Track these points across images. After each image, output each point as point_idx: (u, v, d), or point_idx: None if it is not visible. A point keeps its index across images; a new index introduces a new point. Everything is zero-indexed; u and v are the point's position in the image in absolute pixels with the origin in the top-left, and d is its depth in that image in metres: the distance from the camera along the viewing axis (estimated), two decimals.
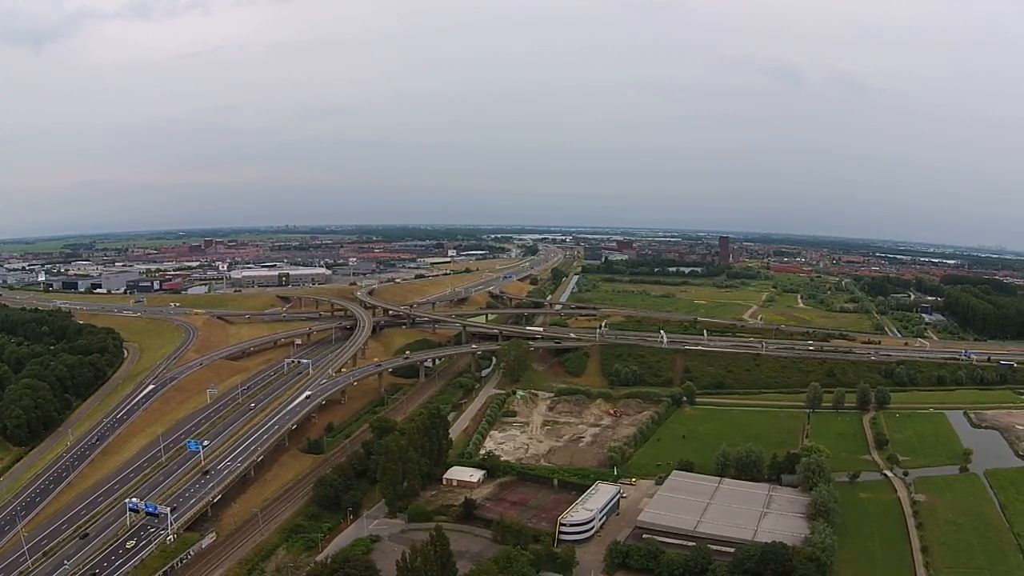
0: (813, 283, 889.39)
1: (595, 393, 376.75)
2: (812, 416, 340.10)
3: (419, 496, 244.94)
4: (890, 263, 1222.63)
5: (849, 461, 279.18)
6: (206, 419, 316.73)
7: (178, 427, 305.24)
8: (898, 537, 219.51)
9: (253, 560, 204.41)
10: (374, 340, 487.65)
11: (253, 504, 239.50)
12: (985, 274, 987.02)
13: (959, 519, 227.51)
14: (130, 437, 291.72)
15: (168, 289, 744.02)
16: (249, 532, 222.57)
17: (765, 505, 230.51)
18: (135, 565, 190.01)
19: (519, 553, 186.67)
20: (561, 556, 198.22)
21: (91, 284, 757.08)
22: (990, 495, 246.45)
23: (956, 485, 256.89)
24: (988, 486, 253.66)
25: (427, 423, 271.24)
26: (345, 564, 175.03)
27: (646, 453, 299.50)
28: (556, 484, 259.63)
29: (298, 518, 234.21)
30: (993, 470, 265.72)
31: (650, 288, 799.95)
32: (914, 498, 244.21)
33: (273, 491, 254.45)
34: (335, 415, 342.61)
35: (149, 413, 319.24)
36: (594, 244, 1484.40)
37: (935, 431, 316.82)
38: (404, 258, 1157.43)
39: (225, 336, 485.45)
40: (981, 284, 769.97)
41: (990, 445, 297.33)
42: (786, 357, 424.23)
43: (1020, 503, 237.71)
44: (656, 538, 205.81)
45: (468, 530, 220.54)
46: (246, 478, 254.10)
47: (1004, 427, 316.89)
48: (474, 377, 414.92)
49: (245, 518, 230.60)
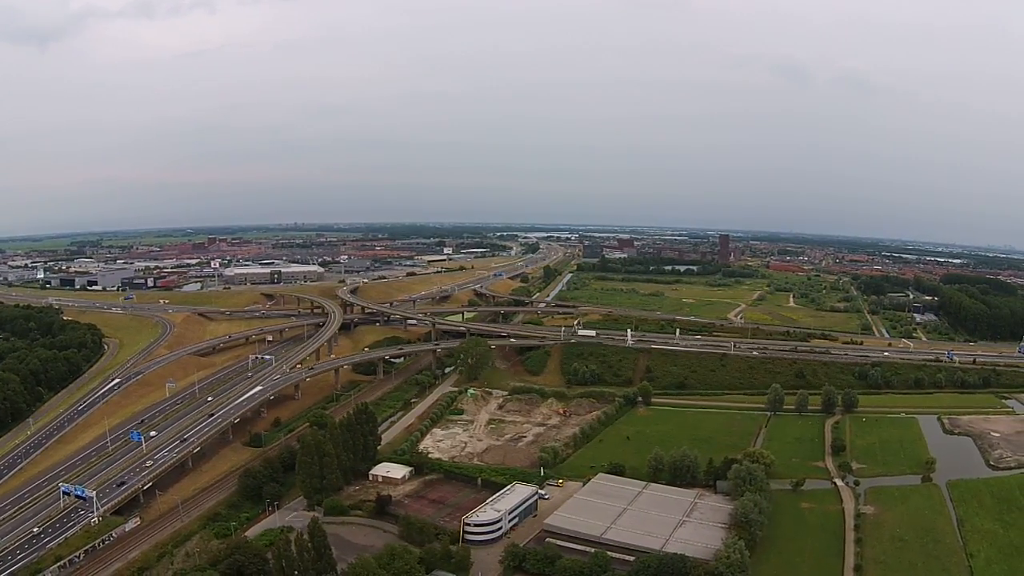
0: (809, 282, 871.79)
1: (549, 392, 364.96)
2: (772, 419, 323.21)
3: (342, 491, 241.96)
4: (894, 262, 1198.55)
5: (799, 467, 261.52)
6: (161, 412, 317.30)
7: (134, 418, 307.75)
8: (832, 553, 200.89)
9: (168, 544, 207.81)
10: (346, 337, 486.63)
11: (186, 492, 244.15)
12: (989, 274, 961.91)
13: (906, 535, 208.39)
14: (86, 428, 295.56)
15: (162, 287, 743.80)
16: (173, 518, 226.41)
17: (686, 513, 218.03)
18: (59, 542, 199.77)
19: (404, 550, 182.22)
20: (456, 556, 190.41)
21: (87, 281, 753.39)
22: (948, 508, 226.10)
23: (912, 496, 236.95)
24: (948, 498, 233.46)
25: (352, 419, 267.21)
26: (236, 550, 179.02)
27: (585, 454, 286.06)
28: (480, 483, 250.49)
29: (220, 507, 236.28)
30: (957, 481, 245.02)
31: (641, 286, 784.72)
32: (860, 510, 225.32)
33: (206, 481, 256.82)
34: (286, 410, 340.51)
35: (109, 406, 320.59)
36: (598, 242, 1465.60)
37: (901, 437, 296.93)
38: (403, 256, 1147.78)
39: (202, 332, 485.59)
40: (980, 284, 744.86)
41: (960, 453, 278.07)
42: (754, 357, 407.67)
43: (980, 518, 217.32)
44: (560, 543, 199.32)
45: (379, 525, 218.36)
46: (184, 468, 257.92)
47: (978, 434, 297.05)
48: (433, 375, 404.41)
49: (173, 505, 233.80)
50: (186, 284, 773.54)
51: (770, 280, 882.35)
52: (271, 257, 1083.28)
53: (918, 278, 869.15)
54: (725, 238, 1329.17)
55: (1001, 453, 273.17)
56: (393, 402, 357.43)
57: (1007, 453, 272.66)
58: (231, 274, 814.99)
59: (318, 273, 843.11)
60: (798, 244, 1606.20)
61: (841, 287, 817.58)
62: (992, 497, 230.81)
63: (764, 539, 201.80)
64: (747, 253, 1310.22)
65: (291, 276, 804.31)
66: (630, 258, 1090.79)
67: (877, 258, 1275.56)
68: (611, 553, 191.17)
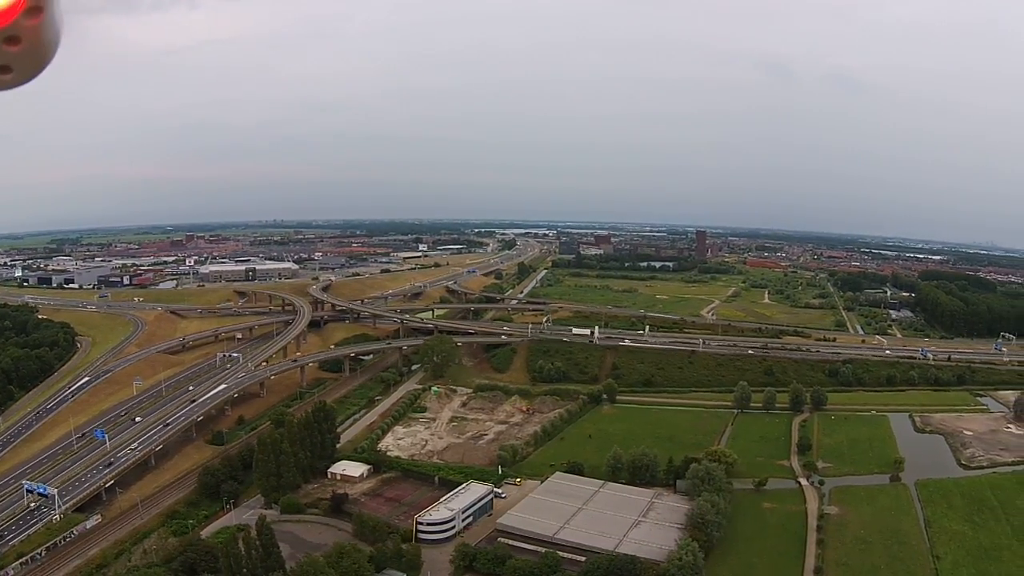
0: (786, 278, 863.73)
1: (513, 390, 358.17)
2: (739, 417, 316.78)
3: (300, 489, 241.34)
4: (873, 259, 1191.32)
5: (763, 466, 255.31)
6: (127, 410, 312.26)
7: (101, 416, 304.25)
8: (792, 555, 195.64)
9: (127, 542, 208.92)
10: (315, 334, 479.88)
11: (147, 490, 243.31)
12: (969, 270, 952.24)
13: (870, 536, 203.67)
14: (54, 426, 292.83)
15: (137, 284, 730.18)
16: (133, 516, 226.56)
17: (643, 513, 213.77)
18: (21, 539, 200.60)
19: (353, 548, 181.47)
20: (407, 555, 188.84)
21: (64, 279, 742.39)
22: (916, 509, 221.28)
23: (879, 497, 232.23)
24: (916, 498, 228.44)
25: (310, 417, 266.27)
26: (189, 548, 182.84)
27: (545, 453, 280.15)
28: (437, 482, 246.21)
29: (180, 505, 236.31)
30: (926, 480, 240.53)
31: (615, 283, 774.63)
32: (824, 510, 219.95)
33: (168, 479, 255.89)
34: (251, 408, 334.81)
35: (77, 404, 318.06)
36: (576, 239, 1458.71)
37: (871, 436, 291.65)
38: (379, 253, 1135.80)
39: (173, 330, 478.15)
40: (959, 280, 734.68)
41: (931, 452, 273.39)
42: (723, 355, 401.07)
43: (948, 519, 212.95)
44: (513, 543, 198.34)
45: (335, 524, 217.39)
46: (147, 466, 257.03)
47: (950, 432, 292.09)
48: (399, 372, 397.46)
49: (134, 503, 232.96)
50: (162, 282, 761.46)
51: (746, 276, 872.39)
52: (248, 254, 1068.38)
53: (896, 274, 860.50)
54: (702, 234, 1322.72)
55: (973, 452, 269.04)
56: (357, 400, 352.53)
57: (979, 452, 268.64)
58: (206, 271, 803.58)
59: (292, 270, 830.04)
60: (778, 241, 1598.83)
61: (817, 283, 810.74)
62: (962, 497, 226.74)
63: (722, 540, 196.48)
64: (725, 249, 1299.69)
65: (266, 273, 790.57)
66: (606, 255, 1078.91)
67: (856, 255, 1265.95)
68: (563, 553, 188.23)
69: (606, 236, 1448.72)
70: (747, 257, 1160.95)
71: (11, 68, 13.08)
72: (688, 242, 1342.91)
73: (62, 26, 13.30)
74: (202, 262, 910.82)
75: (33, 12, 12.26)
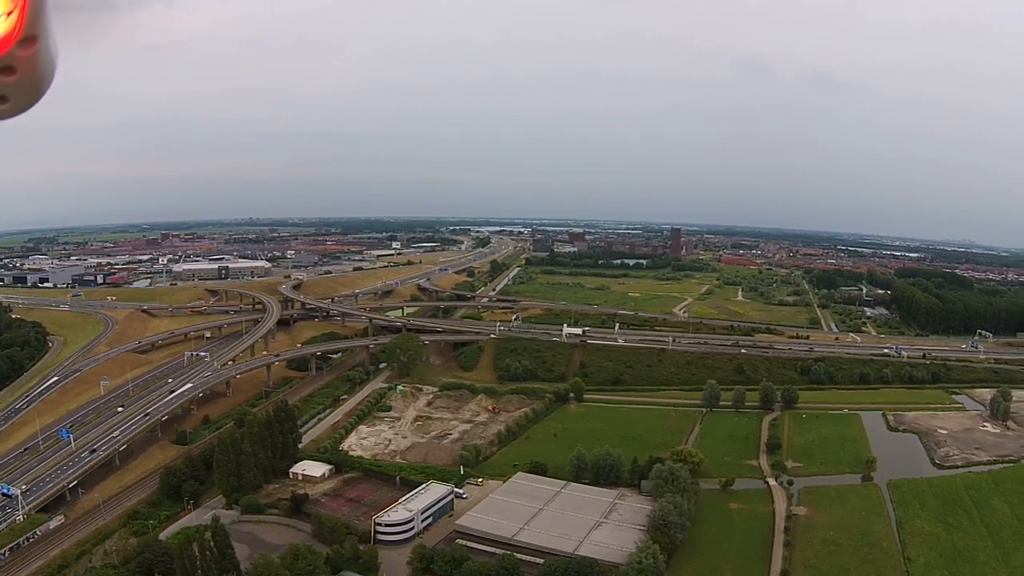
0: (760, 276, 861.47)
1: (479, 388, 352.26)
2: (708, 416, 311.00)
3: (262, 489, 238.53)
4: (849, 256, 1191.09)
5: (730, 466, 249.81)
6: (94, 410, 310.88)
7: (69, 416, 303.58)
8: (758, 557, 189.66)
9: (89, 542, 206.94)
10: (284, 333, 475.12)
11: (111, 490, 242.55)
12: (946, 267, 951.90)
13: (840, 538, 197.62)
14: (22, 426, 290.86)
15: (111, 283, 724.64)
16: (96, 516, 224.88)
17: (605, 515, 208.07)
18: None
19: (308, 550, 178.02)
20: (364, 556, 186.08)
21: (39, 279, 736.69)
22: (887, 510, 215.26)
23: (849, 497, 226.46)
24: (888, 499, 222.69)
25: (271, 416, 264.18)
26: (146, 549, 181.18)
27: (509, 452, 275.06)
28: (399, 482, 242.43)
29: (141, 506, 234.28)
30: (899, 480, 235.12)
31: (588, 280, 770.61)
32: (792, 511, 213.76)
33: (132, 479, 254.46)
34: (216, 407, 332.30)
35: (46, 404, 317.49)
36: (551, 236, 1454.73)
37: (842, 434, 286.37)
38: (353, 250, 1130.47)
39: (143, 329, 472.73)
40: (935, 278, 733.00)
41: (904, 451, 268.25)
42: (693, 353, 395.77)
43: (921, 520, 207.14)
44: (472, 544, 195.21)
45: (294, 524, 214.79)
46: (111, 466, 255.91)
47: (924, 431, 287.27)
48: (366, 371, 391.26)
49: (97, 503, 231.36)
50: (136, 280, 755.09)
51: (720, 274, 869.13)
52: (223, 253, 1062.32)
53: (872, 272, 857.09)
54: (677, 232, 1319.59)
55: (948, 451, 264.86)
56: (323, 398, 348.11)
57: (954, 451, 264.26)
58: (179, 270, 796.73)
59: (265, 268, 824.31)
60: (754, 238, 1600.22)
61: (792, 281, 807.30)
62: (936, 498, 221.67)
63: (686, 541, 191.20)
64: (700, 247, 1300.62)
65: (239, 272, 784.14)
66: (580, 252, 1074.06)
67: (832, 252, 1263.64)
68: (521, 556, 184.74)
69: (580, 234, 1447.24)
70: (722, 254, 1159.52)
71: (7, 98, 13.16)
72: (663, 240, 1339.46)
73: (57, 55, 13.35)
74: (175, 261, 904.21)
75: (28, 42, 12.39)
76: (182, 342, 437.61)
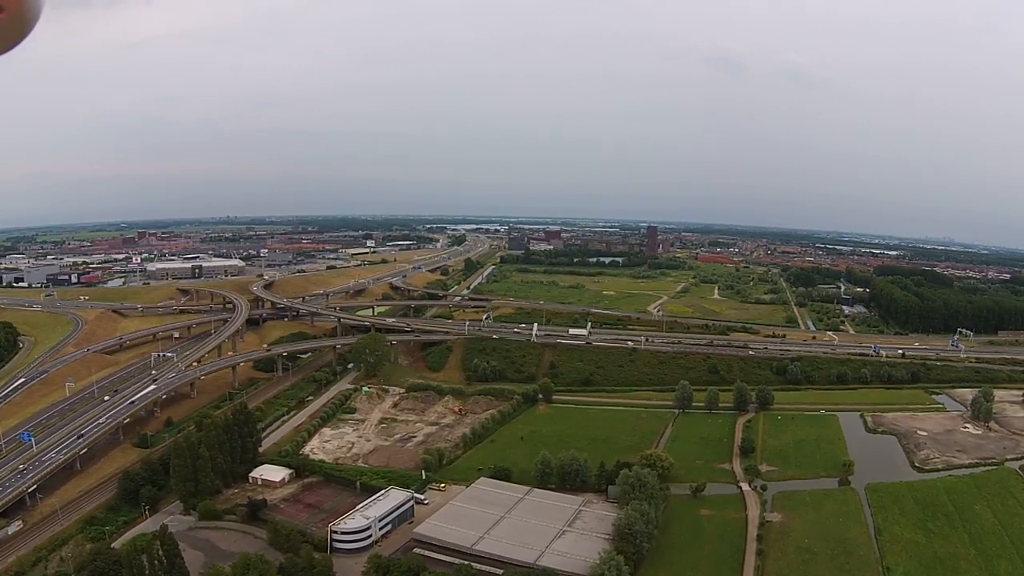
0: (737, 273, 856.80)
1: (446, 389, 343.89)
2: (680, 418, 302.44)
3: (220, 494, 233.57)
4: (828, 254, 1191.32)
5: (702, 470, 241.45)
6: (59, 413, 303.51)
7: (33, 418, 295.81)
8: (729, 566, 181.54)
9: (45, 548, 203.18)
10: (253, 333, 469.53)
11: (71, 494, 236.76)
12: (925, 265, 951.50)
13: (815, 545, 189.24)
14: None
15: (85, 282, 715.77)
16: (53, 522, 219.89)
17: (569, 522, 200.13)
18: None
19: (260, 559, 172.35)
20: (318, 565, 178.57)
21: (14, 278, 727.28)
22: (865, 515, 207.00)
23: (825, 502, 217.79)
24: (866, 504, 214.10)
25: (230, 419, 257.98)
26: (98, 556, 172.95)
27: (474, 456, 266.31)
28: (359, 487, 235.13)
29: (100, 511, 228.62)
30: (876, 484, 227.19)
31: (563, 279, 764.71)
32: (766, 517, 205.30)
33: (92, 483, 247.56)
34: (180, 409, 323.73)
35: (11, 406, 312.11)
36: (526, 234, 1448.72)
37: (819, 436, 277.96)
38: (328, 249, 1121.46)
39: (113, 329, 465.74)
40: (915, 276, 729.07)
41: (883, 454, 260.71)
42: (666, 352, 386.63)
43: (900, 527, 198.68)
44: (430, 554, 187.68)
45: (251, 531, 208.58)
46: (72, 469, 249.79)
47: (904, 432, 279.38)
48: (333, 371, 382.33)
49: (55, 508, 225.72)
50: (110, 280, 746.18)
51: (697, 272, 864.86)
52: (198, 251, 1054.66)
53: (850, 269, 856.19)
54: (653, 229, 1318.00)
55: (928, 453, 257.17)
56: (288, 400, 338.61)
57: (934, 454, 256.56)
58: (153, 269, 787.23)
59: (239, 267, 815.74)
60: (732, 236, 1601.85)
61: (769, 279, 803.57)
62: (915, 503, 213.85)
63: (653, 550, 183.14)
64: (677, 245, 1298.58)
65: (212, 271, 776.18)
66: (555, 250, 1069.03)
67: (811, 250, 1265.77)
68: (480, 566, 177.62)
69: (556, 232, 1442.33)
70: (699, 252, 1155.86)
71: None
72: (640, 238, 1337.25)
73: None
74: (150, 259, 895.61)
75: None
76: (151, 342, 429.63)
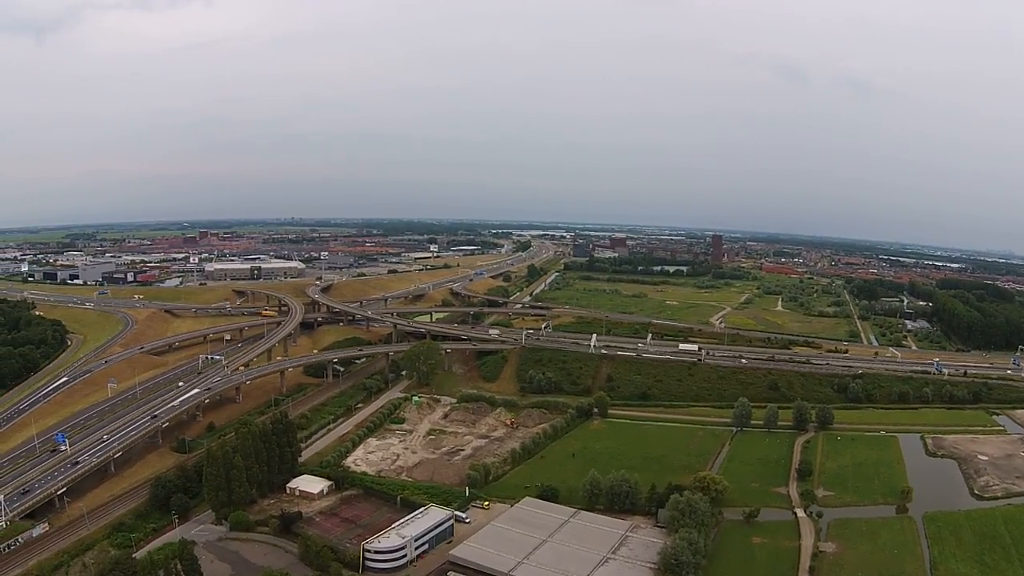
0: (800, 285, 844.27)
1: (499, 400, 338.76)
2: (737, 436, 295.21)
3: (255, 504, 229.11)
4: (891, 266, 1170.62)
5: (757, 494, 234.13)
6: (99, 413, 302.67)
7: (73, 418, 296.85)
8: None
9: (68, 553, 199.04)
10: (307, 337, 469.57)
11: (102, 498, 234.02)
12: (987, 278, 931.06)
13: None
14: (24, 427, 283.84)
15: (141, 281, 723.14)
16: (80, 526, 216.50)
17: (613, 549, 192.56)
18: None
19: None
20: None
21: (69, 275, 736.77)
22: (921, 547, 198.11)
23: (881, 532, 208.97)
24: (923, 534, 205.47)
25: (268, 428, 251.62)
26: (116, 566, 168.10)
27: (522, 472, 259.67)
28: (399, 502, 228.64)
29: (128, 517, 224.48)
30: (935, 513, 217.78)
31: (626, 287, 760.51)
32: (820, 547, 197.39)
33: (124, 487, 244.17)
34: (223, 414, 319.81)
35: (51, 405, 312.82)
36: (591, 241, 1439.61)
37: (878, 459, 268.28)
38: (391, 252, 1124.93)
39: (164, 329, 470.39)
40: (977, 289, 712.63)
41: (942, 479, 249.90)
42: (726, 367, 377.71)
43: (955, 560, 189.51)
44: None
45: (283, 544, 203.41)
46: (106, 472, 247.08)
47: (964, 456, 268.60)
48: (384, 379, 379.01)
49: (88, 511, 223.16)
50: (167, 279, 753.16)
51: (761, 282, 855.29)
52: (260, 252, 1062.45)
53: (913, 282, 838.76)
54: (718, 238, 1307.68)
55: (988, 480, 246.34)
56: (335, 407, 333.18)
57: (994, 481, 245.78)
58: (211, 269, 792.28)
59: (299, 269, 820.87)
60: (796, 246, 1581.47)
61: (833, 291, 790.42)
62: (973, 533, 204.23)
63: None
64: (742, 254, 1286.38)
65: (271, 272, 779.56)
66: (619, 258, 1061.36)
67: (874, 261, 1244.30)
68: None
69: (622, 239, 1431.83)
70: (763, 262, 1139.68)
71: None
72: (705, 246, 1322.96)
73: None
74: (208, 259, 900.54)
75: None
76: (201, 343, 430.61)
